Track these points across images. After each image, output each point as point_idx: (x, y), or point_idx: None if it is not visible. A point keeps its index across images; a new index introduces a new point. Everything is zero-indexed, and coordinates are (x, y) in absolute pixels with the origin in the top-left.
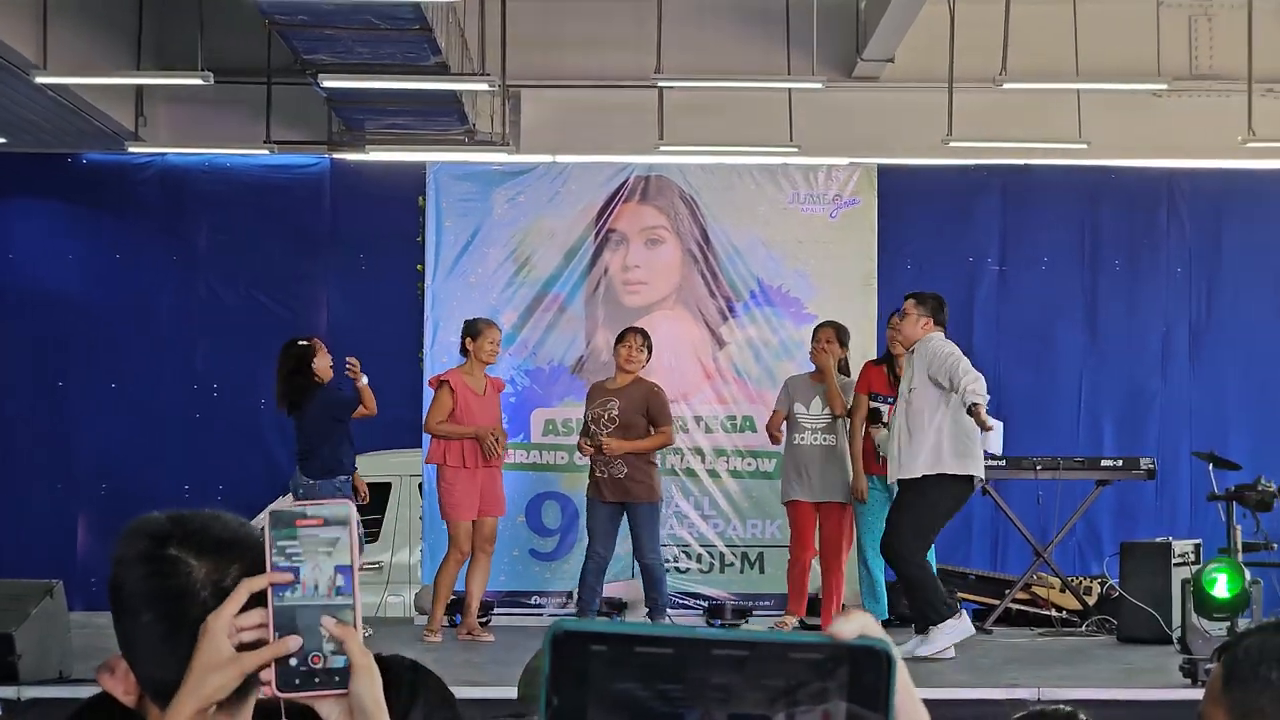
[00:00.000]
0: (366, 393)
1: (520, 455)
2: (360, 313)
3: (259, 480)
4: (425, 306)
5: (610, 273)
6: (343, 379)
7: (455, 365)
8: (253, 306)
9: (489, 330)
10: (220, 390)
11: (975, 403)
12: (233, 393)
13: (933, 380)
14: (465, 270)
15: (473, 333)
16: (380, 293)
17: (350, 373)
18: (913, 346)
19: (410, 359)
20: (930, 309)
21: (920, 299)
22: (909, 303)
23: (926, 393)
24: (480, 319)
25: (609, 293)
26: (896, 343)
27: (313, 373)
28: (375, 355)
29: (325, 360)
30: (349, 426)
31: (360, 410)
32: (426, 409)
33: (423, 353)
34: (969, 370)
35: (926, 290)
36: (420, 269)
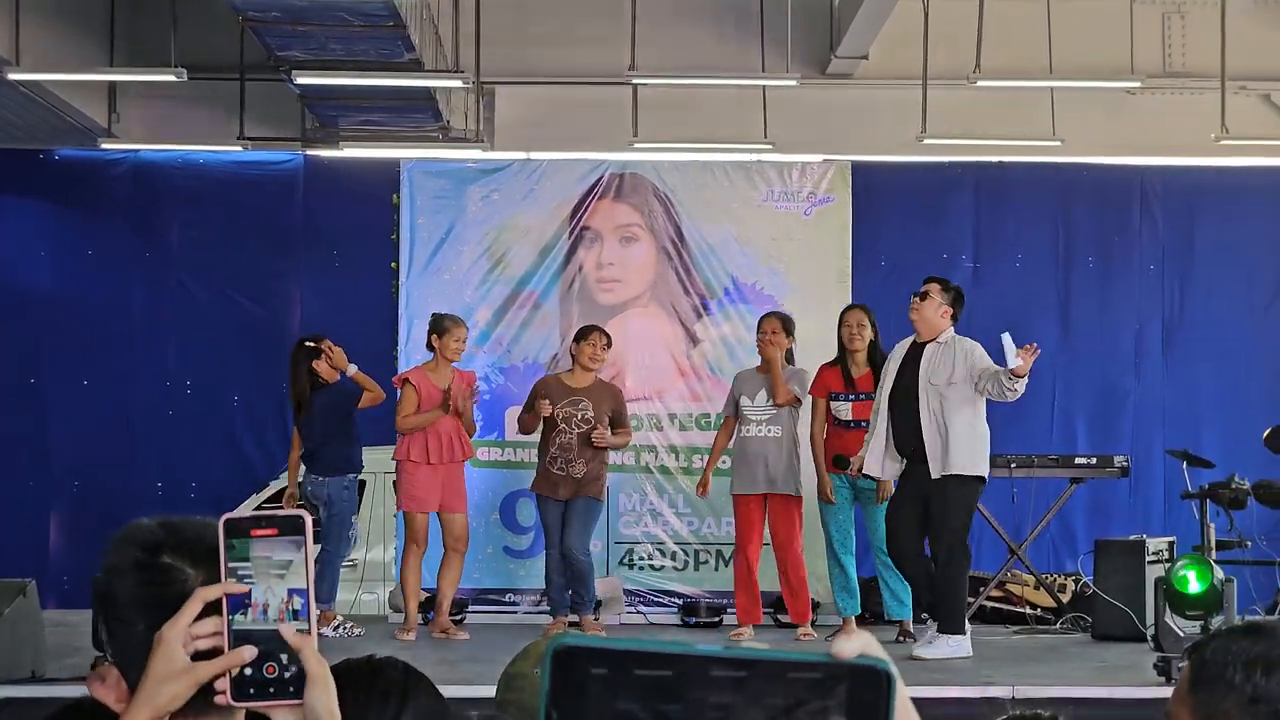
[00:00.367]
0: (362, 378)
1: (494, 453)
2: (334, 310)
3: (231, 478)
4: (399, 304)
5: (585, 270)
6: (344, 379)
7: (421, 363)
8: (226, 303)
9: (455, 329)
10: (193, 387)
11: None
12: (205, 390)
13: (971, 380)
14: (439, 267)
15: (439, 330)
16: (354, 290)
17: (333, 363)
18: (939, 337)
19: (385, 356)
20: (951, 299)
21: (945, 286)
22: (935, 286)
23: (965, 389)
24: (447, 315)
25: (583, 290)
26: (915, 323)
27: (316, 372)
28: (349, 352)
29: (326, 363)
30: (355, 424)
31: (367, 398)
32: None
33: (397, 350)
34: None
35: (916, 287)
36: (394, 266)
